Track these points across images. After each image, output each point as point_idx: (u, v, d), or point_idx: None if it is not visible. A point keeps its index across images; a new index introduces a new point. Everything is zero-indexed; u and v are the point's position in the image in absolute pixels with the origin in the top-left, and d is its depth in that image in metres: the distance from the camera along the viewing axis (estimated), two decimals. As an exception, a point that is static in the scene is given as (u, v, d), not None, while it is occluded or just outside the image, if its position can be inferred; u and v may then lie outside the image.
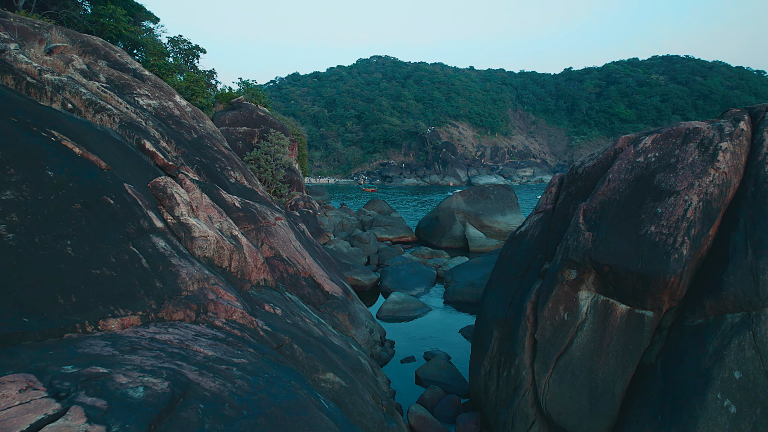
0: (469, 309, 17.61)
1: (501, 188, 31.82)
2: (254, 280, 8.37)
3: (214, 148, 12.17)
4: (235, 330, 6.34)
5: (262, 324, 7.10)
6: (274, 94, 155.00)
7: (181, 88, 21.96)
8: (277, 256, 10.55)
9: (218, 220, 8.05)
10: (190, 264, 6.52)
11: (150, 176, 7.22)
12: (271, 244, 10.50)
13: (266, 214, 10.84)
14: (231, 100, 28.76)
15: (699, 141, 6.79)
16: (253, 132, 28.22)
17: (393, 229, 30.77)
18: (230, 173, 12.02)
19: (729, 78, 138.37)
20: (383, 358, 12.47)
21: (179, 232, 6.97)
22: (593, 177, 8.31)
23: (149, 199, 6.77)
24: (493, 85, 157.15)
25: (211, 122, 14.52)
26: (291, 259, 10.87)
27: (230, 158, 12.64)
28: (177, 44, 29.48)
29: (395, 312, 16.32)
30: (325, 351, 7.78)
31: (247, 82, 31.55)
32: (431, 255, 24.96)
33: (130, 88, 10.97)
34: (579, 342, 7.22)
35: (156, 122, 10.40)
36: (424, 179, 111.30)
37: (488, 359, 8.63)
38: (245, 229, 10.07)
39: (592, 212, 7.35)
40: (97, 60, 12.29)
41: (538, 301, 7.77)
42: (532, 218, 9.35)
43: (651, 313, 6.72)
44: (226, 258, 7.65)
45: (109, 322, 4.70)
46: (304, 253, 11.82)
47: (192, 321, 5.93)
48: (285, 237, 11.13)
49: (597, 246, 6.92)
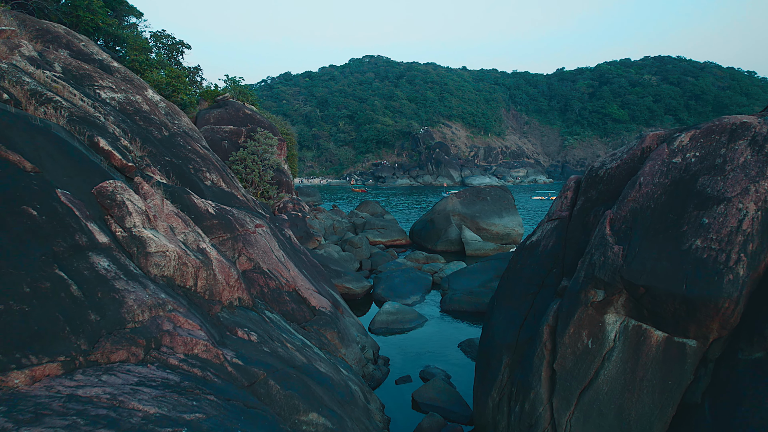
0: (468, 318, 16.53)
1: (498, 189, 30.80)
2: (226, 300, 7.20)
3: (188, 147, 10.98)
4: (195, 369, 5.18)
5: (232, 356, 5.94)
6: (265, 94, 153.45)
7: (162, 84, 20.67)
8: (256, 269, 9.39)
9: (182, 230, 6.88)
10: (141, 287, 5.35)
11: (98, 180, 6.04)
12: (249, 255, 9.34)
13: (244, 221, 9.67)
14: (216, 97, 27.46)
15: (750, 138, 5.73)
16: (240, 131, 26.95)
17: (386, 233, 29.64)
18: (206, 175, 10.83)
19: (720, 79, 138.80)
20: (376, 378, 11.34)
21: (130, 247, 5.79)
22: (617, 180, 7.24)
23: (92, 209, 5.59)
24: (486, 85, 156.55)
25: (188, 119, 13.32)
26: (273, 272, 9.71)
27: (207, 158, 11.45)
28: (160, 39, 28.13)
29: (389, 324, 15.20)
30: (308, 385, 6.64)
31: (233, 79, 30.28)
32: (426, 260, 23.87)
33: (90, 80, 9.75)
34: (606, 374, 6.14)
35: (119, 118, 9.19)
36: (417, 180, 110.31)
37: (497, 389, 7.53)
38: (220, 238, 8.90)
39: (621, 222, 6.27)
40: (58, 48, 11.04)
41: (556, 324, 6.68)
42: (544, 226, 8.26)
43: (694, 343, 5.65)
44: (191, 276, 6.49)
45: (11, 377, 3.53)
46: (289, 263, 10.66)
47: (138, 361, 4.77)
48: (266, 246, 9.96)
49: (629, 262, 5.84)
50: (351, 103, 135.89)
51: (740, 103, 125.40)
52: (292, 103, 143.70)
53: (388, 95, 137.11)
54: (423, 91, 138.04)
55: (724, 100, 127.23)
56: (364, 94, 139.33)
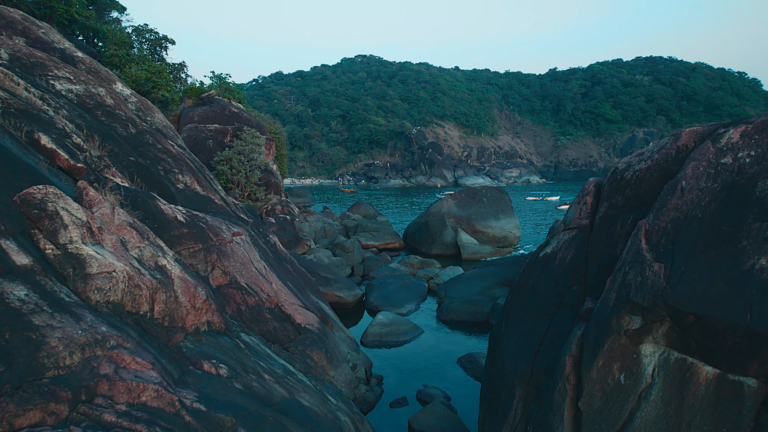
0: (466, 329, 15.53)
1: (494, 191, 29.85)
2: (191, 325, 6.11)
3: (158, 146, 9.85)
4: (139, 425, 4.09)
5: (192, 400, 4.86)
6: (256, 93, 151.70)
7: (140, 79, 19.44)
8: (233, 284, 8.29)
9: (137, 244, 5.77)
10: (72, 320, 4.25)
11: (25, 185, 4.93)
12: (224, 268, 8.24)
13: (219, 230, 8.56)
14: (201, 94, 26.23)
15: (821, 134, 4.74)
16: (226, 130, 25.74)
17: (379, 235, 28.57)
18: (178, 177, 9.72)
19: (712, 79, 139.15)
20: (369, 401, 10.29)
21: (65, 268, 4.69)
22: (648, 183, 6.24)
23: (13, 221, 4.48)
24: (479, 85, 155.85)
25: (162, 116, 12.16)
26: (252, 287, 8.62)
27: (180, 158, 10.33)
28: (142, 34, 26.84)
29: (382, 336, 14.14)
30: (288, 428, 5.56)
31: (220, 75, 29.05)
32: (421, 264, 22.83)
33: (43, 69, 8.59)
34: (644, 417, 5.13)
35: (75, 112, 8.05)
36: (410, 180, 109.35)
37: (508, 426, 6.49)
38: (190, 250, 7.79)
39: (660, 234, 5.26)
40: (12, 36, 9.88)
41: (581, 354, 5.67)
42: (560, 236, 7.24)
43: (754, 383, 4.65)
44: (145, 300, 5.39)
45: None
46: (271, 275, 9.57)
47: (59, 422, 3.67)
48: (245, 257, 8.87)
49: (674, 284, 4.84)
50: (343, 103, 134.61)
51: (732, 104, 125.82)
52: (283, 103, 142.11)
53: (381, 95, 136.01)
54: (416, 90, 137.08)
55: (715, 101, 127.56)
56: (357, 94, 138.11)
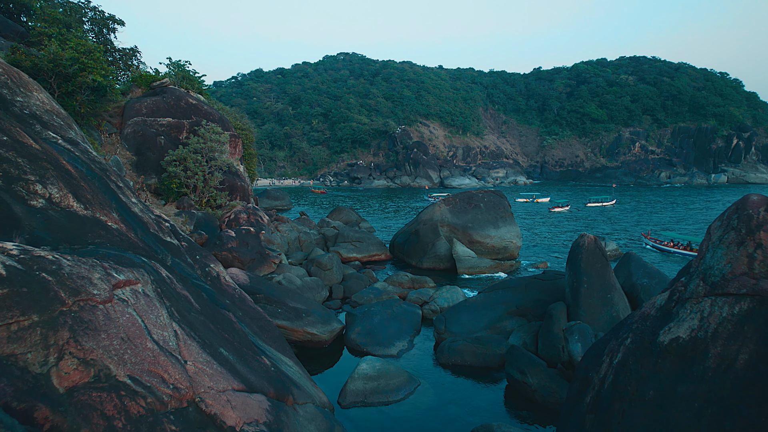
0: (475, 377, 12.09)
1: (492, 195, 26.51)
2: None
3: (6, 138, 6.14)
4: None
5: None
6: (235, 91, 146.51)
7: (62, 59, 15.51)
8: (101, 380, 4.66)
9: None
10: None
11: None
12: (86, 353, 4.61)
13: (86, 281, 4.93)
14: (152, 83, 22.30)
15: None
16: (181, 124, 21.85)
17: (363, 246, 24.99)
18: (34, 188, 6.05)
19: (695, 79, 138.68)
20: None
21: None
22: None
23: None
24: (463, 84, 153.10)
25: (44, 96, 8.42)
26: (142, 378, 5.00)
27: (48, 157, 6.64)
28: (80, 11, 22.73)
29: (367, 395, 10.62)
30: None
31: (178, 63, 25.11)
32: (412, 283, 19.33)
33: None
34: None
35: None
36: (395, 181, 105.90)
37: None
38: (12, 326, 4.15)
39: None
40: None
41: None
42: (709, 311, 3.77)
43: None
44: None
45: None
46: (187, 348, 5.96)
47: None
48: (132, 326, 5.24)
49: None
50: (325, 101, 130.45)
51: (716, 104, 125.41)
52: (263, 101, 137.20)
53: (364, 93, 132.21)
54: (400, 89, 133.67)
55: (700, 101, 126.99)
56: (339, 92, 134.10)
